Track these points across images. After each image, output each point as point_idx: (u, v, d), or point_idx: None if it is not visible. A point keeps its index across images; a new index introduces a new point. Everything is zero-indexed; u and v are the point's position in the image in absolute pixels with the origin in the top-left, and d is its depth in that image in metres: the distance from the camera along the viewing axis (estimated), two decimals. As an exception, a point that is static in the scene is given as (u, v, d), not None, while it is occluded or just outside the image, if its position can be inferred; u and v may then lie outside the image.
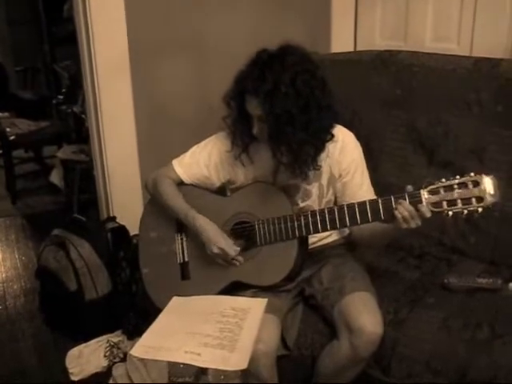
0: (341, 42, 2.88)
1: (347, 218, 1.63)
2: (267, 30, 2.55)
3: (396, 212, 1.53)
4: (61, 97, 4.68)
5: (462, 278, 1.84)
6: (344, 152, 1.75)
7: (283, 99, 1.56)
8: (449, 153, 2.09)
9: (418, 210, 1.51)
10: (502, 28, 2.40)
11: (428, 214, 1.51)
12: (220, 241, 1.73)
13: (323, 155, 1.72)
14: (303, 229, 1.67)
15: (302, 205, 1.79)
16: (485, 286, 1.81)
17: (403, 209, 1.52)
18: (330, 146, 1.72)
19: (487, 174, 1.48)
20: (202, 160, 1.84)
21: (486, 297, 1.78)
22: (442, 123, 2.11)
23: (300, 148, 1.62)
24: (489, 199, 1.46)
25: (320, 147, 1.68)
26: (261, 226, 1.73)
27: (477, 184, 1.47)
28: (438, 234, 2.10)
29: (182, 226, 1.85)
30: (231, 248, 1.73)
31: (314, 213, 1.67)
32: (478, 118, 2.03)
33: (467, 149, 2.05)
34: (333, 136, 1.70)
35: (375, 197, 1.70)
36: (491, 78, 2.02)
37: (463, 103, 2.06)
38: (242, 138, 1.74)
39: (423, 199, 1.52)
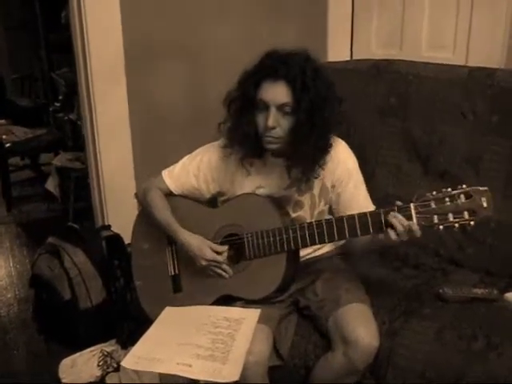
0: (337, 50, 2.89)
1: (335, 232, 1.59)
2: (263, 38, 2.56)
3: (392, 222, 1.49)
4: (58, 104, 4.68)
5: (457, 289, 1.83)
6: (336, 162, 1.72)
7: (310, 85, 1.55)
8: (444, 162, 2.09)
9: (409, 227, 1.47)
10: (498, 37, 2.41)
11: (418, 235, 1.47)
12: (205, 253, 1.71)
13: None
14: (291, 242, 1.64)
15: (293, 215, 1.76)
16: (480, 297, 1.80)
17: (397, 223, 1.48)
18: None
19: (481, 186, 1.43)
20: (192, 171, 1.82)
21: (482, 307, 1.77)
22: (437, 132, 2.11)
23: (318, 141, 1.60)
24: (481, 213, 1.42)
25: (328, 147, 1.66)
26: (249, 239, 1.70)
27: (469, 196, 1.42)
28: (434, 245, 2.09)
29: (172, 238, 1.84)
30: (218, 254, 1.71)
31: (302, 226, 1.63)
32: (473, 127, 2.03)
33: (462, 158, 2.05)
34: (331, 145, 1.68)
35: (372, 208, 1.69)
36: (486, 87, 2.02)
37: (458, 112, 2.06)
38: (249, 136, 1.65)
39: (413, 213, 1.47)
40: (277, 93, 1.57)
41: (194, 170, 1.82)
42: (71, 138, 4.15)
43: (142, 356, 1.41)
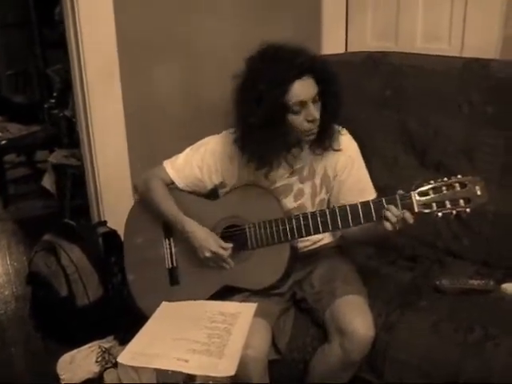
0: (332, 43, 2.87)
1: (339, 221, 1.62)
2: (257, 33, 2.52)
3: (386, 214, 1.55)
4: (53, 101, 4.65)
5: (454, 280, 1.84)
6: (338, 150, 1.74)
7: (325, 68, 1.63)
8: (440, 154, 2.09)
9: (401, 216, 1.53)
10: (493, 28, 2.40)
11: (411, 221, 1.53)
12: (211, 244, 1.71)
13: (319, 156, 1.73)
14: (295, 232, 1.66)
15: (295, 204, 1.78)
16: (477, 288, 1.81)
17: (391, 214, 1.54)
18: None
19: (474, 176, 1.52)
20: (195, 162, 1.82)
21: (479, 298, 1.78)
22: (432, 124, 2.11)
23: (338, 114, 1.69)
24: (476, 201, 1.50)
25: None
26: (252, 229, 1.71)
27: (464, 185, 1.51)
28: (430, 236, 2.09)
29: (169, 230, 1.84)
30: (223, 249, 1.71)
31: (305, 216, 1.65)
32: (468, 119, 2.03)
33: (458, 150, 2.05)
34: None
35: (374, 193, 1.72)
36: (482, 79, 2.02)
37: (454, 104, 2.06)
38: (279, 150, 1.66)
39: (414, 201, 1.53)
40: (308, 88, 1.59)
41: (198, 161, 1.81)
42: (66, 135, 4.13)
43: (138, 352, 1.40)
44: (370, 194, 1.73)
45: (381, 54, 2.31)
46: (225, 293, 1.75)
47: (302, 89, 1.58)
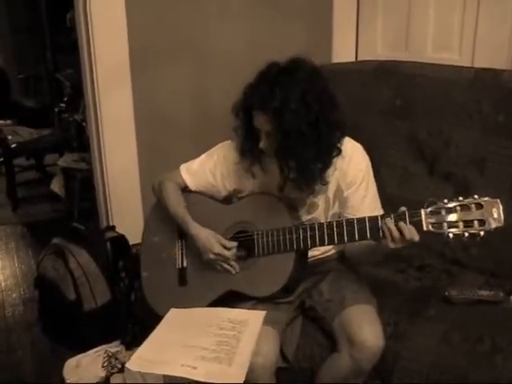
0: (342, 51, 2.88)
1: (345, 234, 1.59)
2: (268, 40, 2.55)
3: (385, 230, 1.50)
4: (63, 105, 4.68)
5: (462, 290, 1.83)
6: (351, 164, 1.72)
7: (293, 116, 1.53)
8: (450, 163, 2.09)
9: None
10: (504, 38, 2.40)
11: (416, 238, 1.47)
12: (213, 246, 1.72)
13: (331, 169, 1.69)
14: (301, 242, 1.65)
15: (308, 217, 1.77)
16: (486, 299, 1.80)
17: (394, 228, 1.49)
18: (338, 160, 1.69)
19: (492, 197, 1.44)
20: (208, 168, 1.84)
21: (487, 309, 1.77)
22: (442, 133, 2.11)
23: (308, 164, 1.60)
24: (492, 223, 1.43)
25: (328, 163, 1.66)
26: (259, 236, 1.71)
27: (480, 207, 1.43)
28: (439, 246, 2.08)
29: (183, 232, 1.85)
30: (226, 249, 1.72)
31: (313, 226, 1.64)
32: (479, 129, 2.03)
33: (468, 159, 2.04)
34: (340, 151, 1.68)
35: (381, 211, 1.68)
36: (492, 89, 2.02)
37: (464, 113, 2.06)
38: (250, 150, 1.71)
39: (423, 219, 1.47)
40: (259, 122, 1.61)
41: (211, 167, 1.84)
42: (76, 139, 4.15)
43: (146, 358, 1.40)
44: (376, 212, 1.67)
45: (392, 63, 2.31)
46: (232, 300, 1.75)
47: (255, 119, 1.62)
